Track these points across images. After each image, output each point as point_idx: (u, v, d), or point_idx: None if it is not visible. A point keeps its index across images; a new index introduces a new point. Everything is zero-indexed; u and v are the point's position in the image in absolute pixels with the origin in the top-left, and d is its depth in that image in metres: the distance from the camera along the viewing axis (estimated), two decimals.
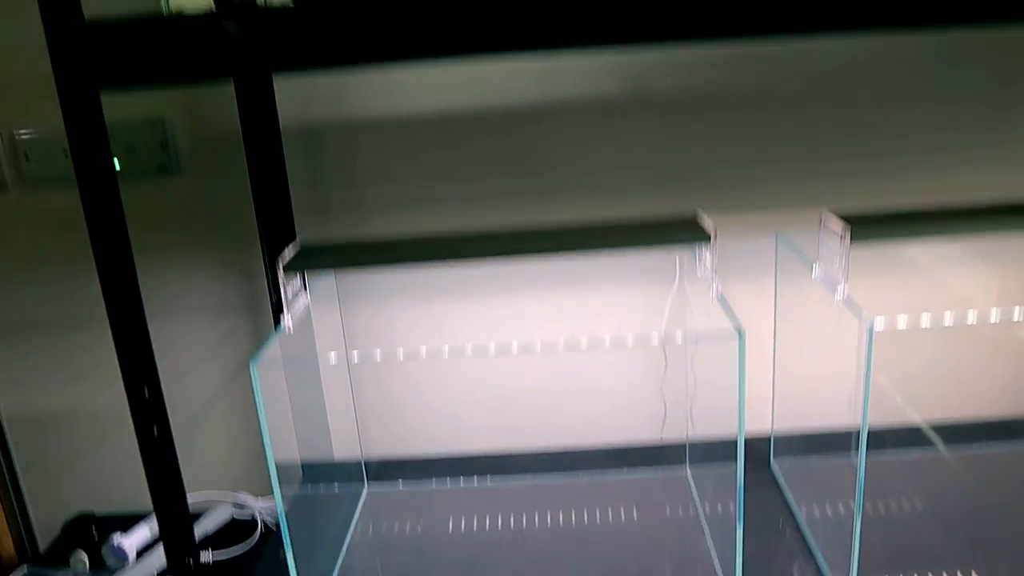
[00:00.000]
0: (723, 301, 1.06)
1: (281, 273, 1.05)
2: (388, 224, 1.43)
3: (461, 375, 1.52)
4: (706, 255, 1.08)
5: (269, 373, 1.02)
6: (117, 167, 1.44)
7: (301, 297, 1.12)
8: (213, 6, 0.98)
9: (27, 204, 1.46)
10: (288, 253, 1.09)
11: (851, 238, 1.04)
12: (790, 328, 1.33)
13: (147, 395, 0.94)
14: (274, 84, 1.30)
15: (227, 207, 1.42)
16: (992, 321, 1.31)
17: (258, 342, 1.50)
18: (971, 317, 1.10)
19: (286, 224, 1.35)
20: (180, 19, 0.85)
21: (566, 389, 1.51)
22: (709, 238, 1.05)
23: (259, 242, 1.35)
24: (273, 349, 1.02)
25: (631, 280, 1.44)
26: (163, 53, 0.83)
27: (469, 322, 1.48)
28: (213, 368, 1.52)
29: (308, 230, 1.42)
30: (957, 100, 1.36)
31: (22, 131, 1.43)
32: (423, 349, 1.51)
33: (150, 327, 1.01)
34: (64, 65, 0.83)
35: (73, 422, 1.56)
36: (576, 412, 1.52)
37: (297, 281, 1.11)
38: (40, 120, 1.42)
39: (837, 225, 1.07)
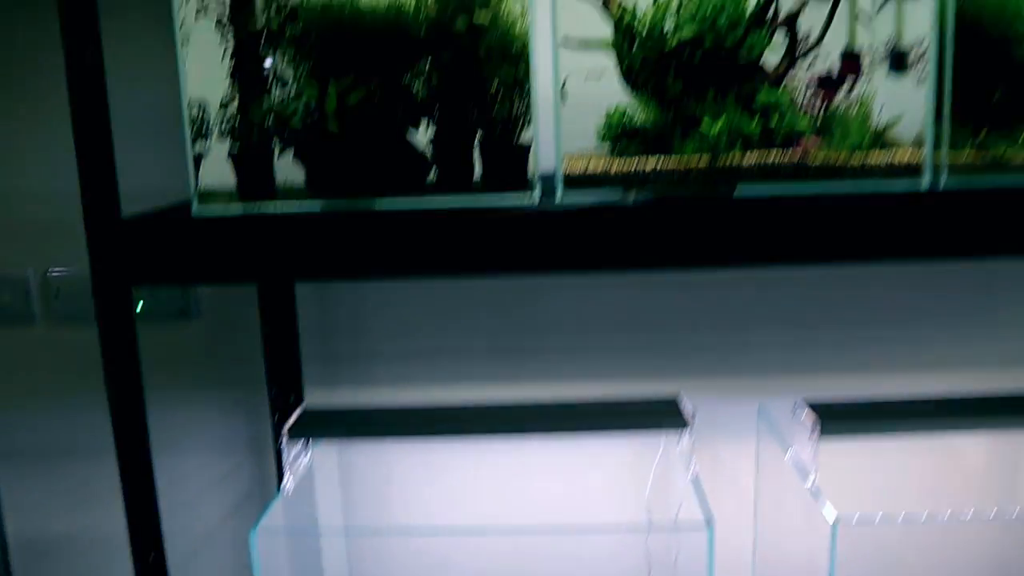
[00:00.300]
0: (697, 485, 1.12)
1: (285, 439, 1.12)
2: (390, 374, 1.50)
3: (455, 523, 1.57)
4: (684, 439, 1.15)
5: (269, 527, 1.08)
6: (139, 308, 1.52)
7: (303, 457, 1.19)
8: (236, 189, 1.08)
9: (52, 338, 1.55)
10: (293, 418, 1.16)
11: (821, 432, 1.11)
12: (770, 494, 1.38)
13: (151, 560, 1.00)
14: None
15: (239, 351, 1.50)
16: (964, 519, 1.36)
17: (260, 481, 1.56)
18: (945, 516, 1.15)
19: (293, 373, 1.43)
20: (208, 223, 0.94)
21: (555, 538, 1.55)
22: (686, 425, 1.12)
23: (266, 388, 1.43)
24: (274, 514, 1.08)
25: (621, 435, 1.50)
26: (191, 260, 0.92)
27: (465, 466, 1.53)
28: (215, 503, 1.58)
29: (315, 377, 1.49)
30: (937, 272, 1.44)
31: (55, 269, 1.53)
32: (420, 526, 1.56)
33: (158, 460, 1.07)
34: (101, 265, 0.92)
35: (76, 548, 1.62)
36: (565, 556, 1.56)
37: (300, 442, 1.18)
38: (71, 258, 1.52)
39: (809, 418, 1.13)
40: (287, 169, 1.08)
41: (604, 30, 1.08)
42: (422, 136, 1.08)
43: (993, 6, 1.07)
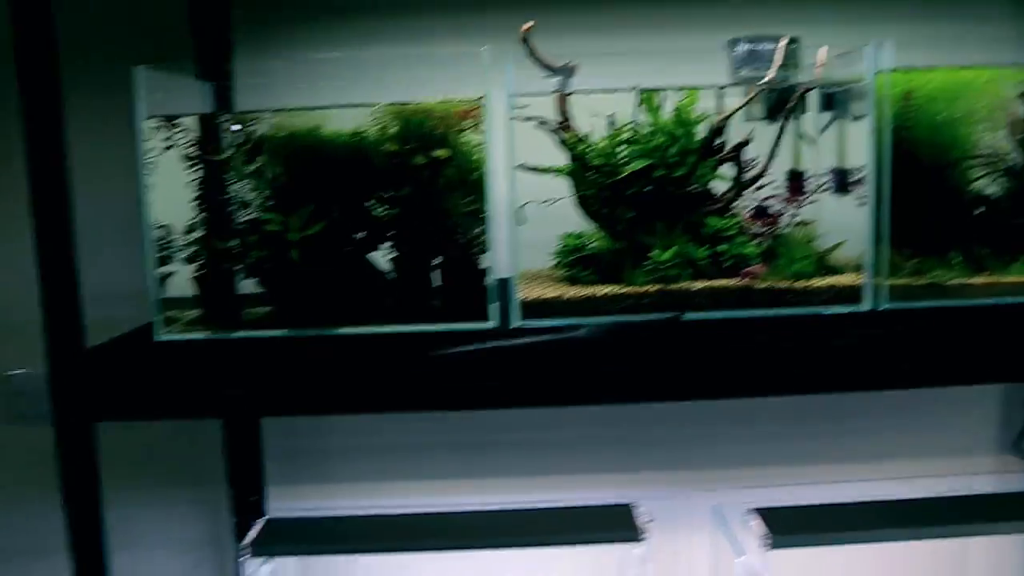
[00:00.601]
0: None
1: (247, 557, 1.13)
2: (353, 470, 1.51)
3: None
4: (639, 549, 1.18)
5: None
6: None
7: (264, 568, 1.20)
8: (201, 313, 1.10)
9: (10, 437, 1.54)
10: (254, 532, 1.17)
11: (771, 544, 1.14)
12: None
13: None
14: None
15: (200, 449, 1.50)
16: None
17: None
18: None
19: (255, 473, 1.44)
20: (172, 355, 0.96)
21: None
22: (640, 538, 1.15)
23: (227, 487, 1.44)
24: None
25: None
26: (156, 397, 0.94)
27: (425, 563, 1.54)
28: None
29: (277, 474, 1.50)
30: None
31: (13, 370, 1.52)
32: None
33: (116, 558, 1.07)
34: (63, 404, 0.93)
35: None
36: None
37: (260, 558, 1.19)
38: (31, 359, 1.51)
39: (759, 528, 1.17)
40: (251, 287, 1.11)
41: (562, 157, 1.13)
42: (383, 255, 1.11)
43: (926, 134, 1.12)
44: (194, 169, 1.08)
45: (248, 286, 1.11)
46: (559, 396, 0.95)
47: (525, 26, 1.08)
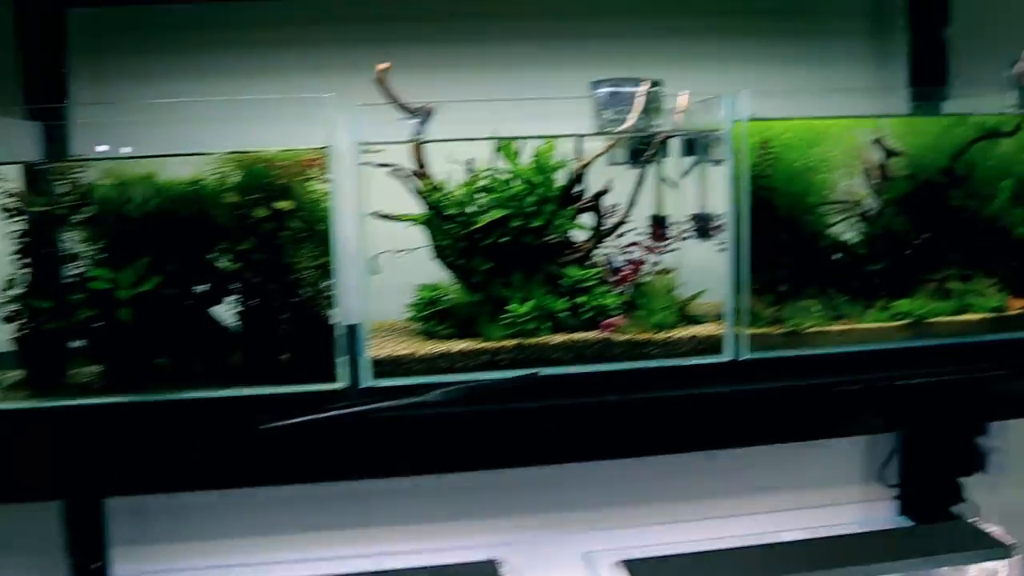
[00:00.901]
0: None
1: None
2: (204, 528, 1.43)
3: None
4: None
5: None
6: None
7: None
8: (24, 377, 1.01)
9: None
10: None
11: None
12: None
13: None
14: None
15: (34, 511, 1.37)
16: None
17: None
18: None
19: (96, 535, 1.35)
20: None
21: None
22: None
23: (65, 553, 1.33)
24: None
25: None
26: None
27: None
28: None
29: (122, 535, 1.40)
30: None
31: None
32: None
33: None
34: None
35: None
36: None
37: None
38: None
39: None
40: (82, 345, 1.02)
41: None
42: (226, 310, 1.04)
43: (783, 182, 1.12)
44: (14, 220, 0.99)
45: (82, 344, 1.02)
46: (410, 465, 0.90)
47: (381, 66, 1.03)
